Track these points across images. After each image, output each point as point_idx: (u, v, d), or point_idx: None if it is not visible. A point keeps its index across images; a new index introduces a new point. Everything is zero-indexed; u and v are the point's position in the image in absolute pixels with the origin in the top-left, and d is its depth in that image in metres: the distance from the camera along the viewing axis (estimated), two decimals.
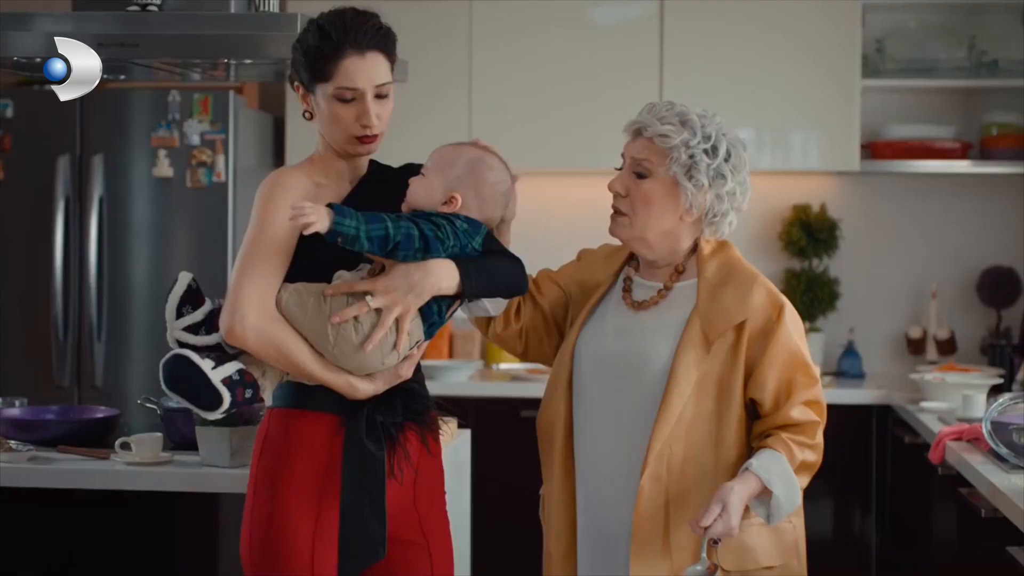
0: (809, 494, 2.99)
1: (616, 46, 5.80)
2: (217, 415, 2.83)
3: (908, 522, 5.18)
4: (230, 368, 2.82)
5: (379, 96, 2.94)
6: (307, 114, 3.00)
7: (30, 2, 4.66)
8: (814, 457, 2.91)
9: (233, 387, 2.81)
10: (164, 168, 5.35)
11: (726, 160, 2.92)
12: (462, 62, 5.84)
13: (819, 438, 2.92)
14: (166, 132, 5.39)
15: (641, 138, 2.96)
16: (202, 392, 2.79)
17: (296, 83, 2.99)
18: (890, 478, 5.39)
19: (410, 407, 2.94)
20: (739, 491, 2.78)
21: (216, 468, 3.44)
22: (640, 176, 2.95)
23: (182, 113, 5.39)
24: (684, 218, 2.94)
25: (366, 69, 2.92)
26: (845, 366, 5.82)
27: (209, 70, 4.38)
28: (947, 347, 5.90)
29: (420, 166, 3.01)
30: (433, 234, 2.82)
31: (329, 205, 2.75)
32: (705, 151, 2.90)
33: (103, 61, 3.12)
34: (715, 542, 2.78)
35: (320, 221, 2.72)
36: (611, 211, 3.00)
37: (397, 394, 2.92)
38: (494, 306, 3.04)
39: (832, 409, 3.06)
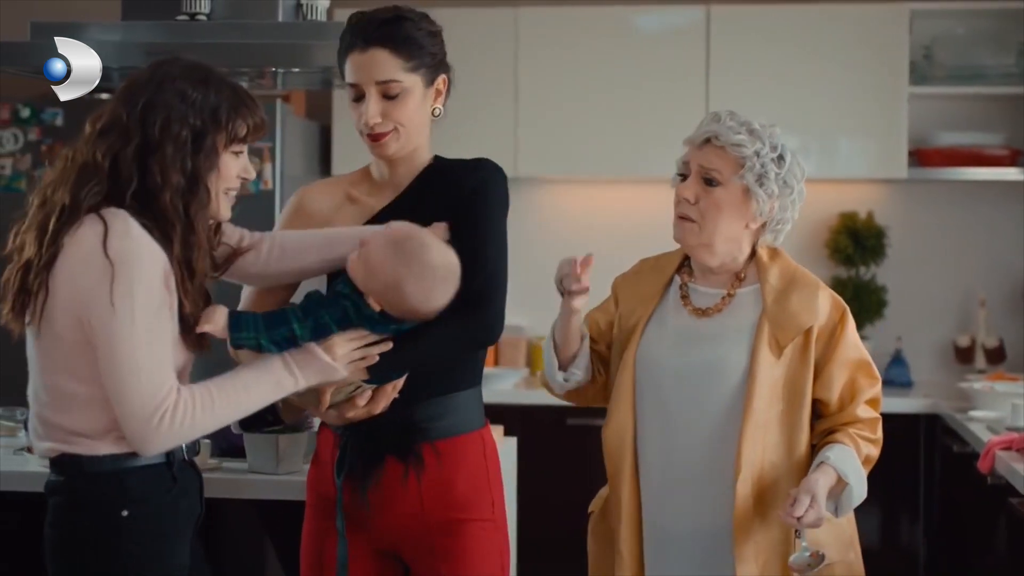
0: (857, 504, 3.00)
1: (662, 54, 5.80)
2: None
3: (957, 532, 5.14)
4: None
5: (387, 96, 2.85)
6: None
7: (80, 12, 4.69)
8: (876, 451, 3.01)
9: None
10: None
11: (789, 169, 2.99)
12: (508, 70, 5.84)
13: (879, 433, 3.03)
14: None
15: (710, 146, 2.99)
16: None
17: None
18: (938, 487, 5.35)
19: (391, 439, 2.89)
20: (823, 483, 2.86)
21: (263, 475, 3.45)
22: (710, 183, 2.97)
23: None
24: (749, 225, 3.00)
25: (365, 64, 2.84)
26: (893, 375, 5.79)
27: (256, 78, 4.40)
28: (996, 356, 5.86)
29: (488, 164, 2.94)
30: (342, 319, 2.73)
31: (230, 313, 2.71)
32: (773, 160, 2.98)
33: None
34: (797, 534, 2.86)
35: (214, 327, 2.68)
36: (676, 217, 3.02)
37: (382, 424, 2.87)
38: (584, 372, 3.05)
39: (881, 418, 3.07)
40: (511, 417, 4.86)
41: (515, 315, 6.09)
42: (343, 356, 2.72)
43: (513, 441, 4.23)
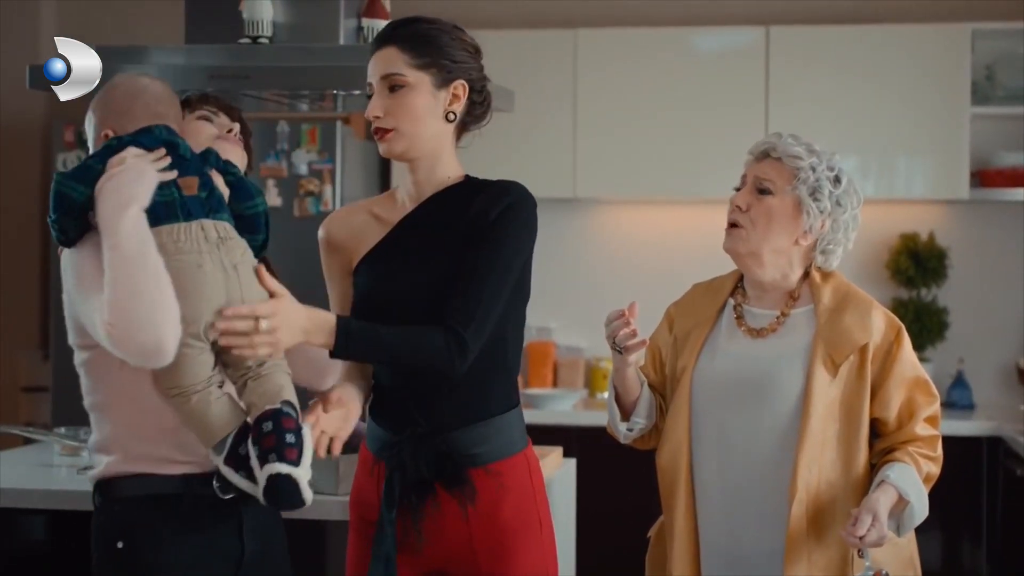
0: (918, 526, 2.99)
1: (721, 75, 5.79)
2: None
3: (1020, 555, 5.09)
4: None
5: (392, 88, 2.82)
6: None
7: (144, 36, 4.75)
8: (936, 469, 3.01)
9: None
10: (272, 197, 5.43)
11: (845, 191, 3.02)
12: (567, 90, 5.86)
13: (939, 451, 3.03)
14: (274, 162, 5.46)
15: (768, 159, 3.04)
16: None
17: None
18: (1001, 511, 5.31)
19: (438, 469, 2.85)
20: (884, 502, 2.88)
21: (323, 495, 3.46)
22: (763, 193, 3.01)
23: (290, 143, 5.46)
24: (800, 241, 3.02)
25: (375, 62, 2.85)
26: (955, 397, 5.74)
27: (317, 101, 4.43)
28: None
29: (518, 189, 2.87)
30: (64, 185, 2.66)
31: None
32: (829, 179, 3.01)
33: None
34: (859, 553, 2.88)
35: None
36: (727, 226, 3.05)
37: (427, 453, 2.84)
38: (647, 419, 3.06)
39: (942, 440, 3.05)
40: (570, 438, 4.86)
41: (574, 336, 6.11)
42: (130, 160, 2.64)
43: (572, 463, 4.22)
